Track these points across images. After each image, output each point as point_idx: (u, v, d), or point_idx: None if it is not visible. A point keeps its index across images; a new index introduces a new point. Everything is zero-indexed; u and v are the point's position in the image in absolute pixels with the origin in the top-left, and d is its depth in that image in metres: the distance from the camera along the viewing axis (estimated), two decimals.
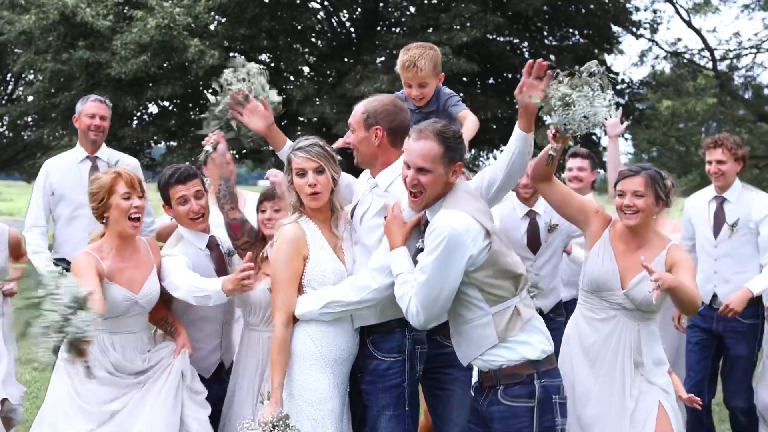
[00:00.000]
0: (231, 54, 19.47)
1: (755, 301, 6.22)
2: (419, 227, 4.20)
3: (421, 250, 4.04)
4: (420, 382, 4.54)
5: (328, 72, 20.18)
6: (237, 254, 4.96)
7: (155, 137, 20.19)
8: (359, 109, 4.41)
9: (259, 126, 4.79)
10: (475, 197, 4.10)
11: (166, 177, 4.92)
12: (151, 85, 18.74)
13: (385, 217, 4.23)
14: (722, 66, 23.56)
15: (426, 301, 3.92)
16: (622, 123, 6.59)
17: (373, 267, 4.23)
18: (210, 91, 4.84)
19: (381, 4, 21.05)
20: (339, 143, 5.03)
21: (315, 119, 18.59)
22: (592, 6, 20.74)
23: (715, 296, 6.32)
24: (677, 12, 24.03)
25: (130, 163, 6.62)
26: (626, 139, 22.62)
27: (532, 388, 3.96)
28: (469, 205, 3.95)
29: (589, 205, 4.82)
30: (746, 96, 23.96)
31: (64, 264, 6.23)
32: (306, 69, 21.11)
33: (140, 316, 4.68)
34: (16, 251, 6.07)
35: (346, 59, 20.22)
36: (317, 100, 18.80)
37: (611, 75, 22.38)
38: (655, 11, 24.28)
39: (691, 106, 18.82)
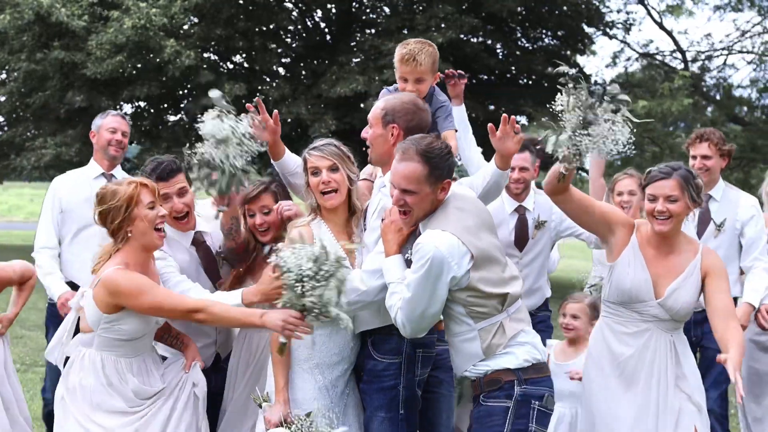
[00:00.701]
0: (206, 55, 19.50)
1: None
2: (415, 235, 4.12)
3: (410, 261, 3.99)
4: None
5: (304, 72, 20.23)
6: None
7: (131, 136, 20.11)
8: (379, 105, 4.38)
9: (267, 138, 4.69)
10: (467, 212, 4.00)
11: (147, 172, 4.65)
12: (126, 85, 18.69)
13: (382, 220, 4.16)
14: (694, 67, 23.84)
15: (411, 317, 3.90)
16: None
17: (365, 269, 4.19)
18: (191, 152, 4.48)
19: (355, 5, 21.14)
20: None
21: (290, 120, 18.62)
22: (565, 7, 20.94)
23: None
24: (649, 14, 24.30)
25: None
26: None
27: (510, 392, 3.91)
28: (456, 225, 3.88)
29: (615, 215, 4.55)
30: (717, 97, 24.24)
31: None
32: (281, 70, 21.16)
33: (153, 333, 4.45)
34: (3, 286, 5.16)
35: (321, 60, 20.30)
36: (291, 100, 18.80)
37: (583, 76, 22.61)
38: (627, 12, 24.56)
39: (667, 106, 18.98)
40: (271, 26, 20.45)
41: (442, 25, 18.35)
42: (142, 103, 20.35)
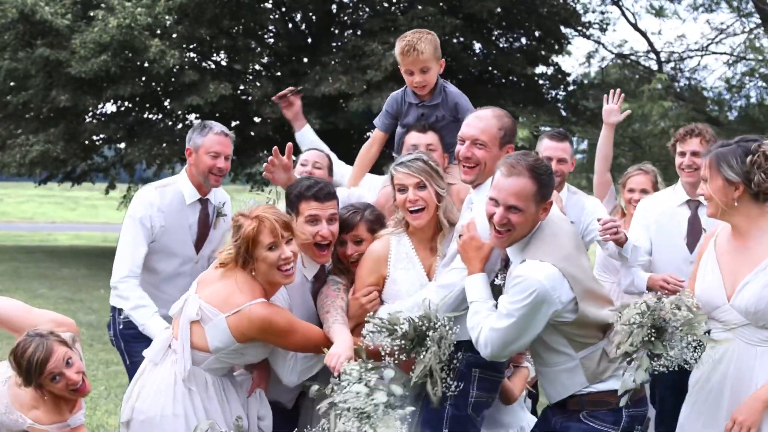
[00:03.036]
0: (190, 54, 19.64)
1: None
2: (497, 254, 4.02)
3: (498, 285, 3.93)
4: None
5: (287, 72, 20.41)
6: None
7: (117, 135, 20.22)
8: (494, 124, 4.14)
9: (283, 179, 4.58)
10: (562, 237, 3.83)
11: (301, 188, 4.29)
12: (111, 84, 18.75)
13: (460, 236, 4.03)
14: (667, 68, 24.21)
15: (499, 344, 3.74)
16: (622, 112, 5.85)
17: (441, 283, 4.10)
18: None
19: (335, 6, 21.36)
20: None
21: (273, 119, 18.79)
22: (543, 9, 21.27)
23: None
24: (623, 14, 24.65)
25: (225, 201, 5.43)
26: (581, 139, 23.01)
27: (618, 417, 3.76)
28: (557, 255, 3.70)
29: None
30: (685, 96, 24.62)
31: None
32: (264, 70, 21.32)
33: None
34: None
35: (303, 60, 20.50)
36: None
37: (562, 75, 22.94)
38: (602, 13, 24.90)
39: (648, 109, 19.29)
40: (253, 26, 20.61)
41: (425, 26, 18.59)
42: (126, 102, 20.47)
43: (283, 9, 21.63)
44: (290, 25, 22.19)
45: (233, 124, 20.71)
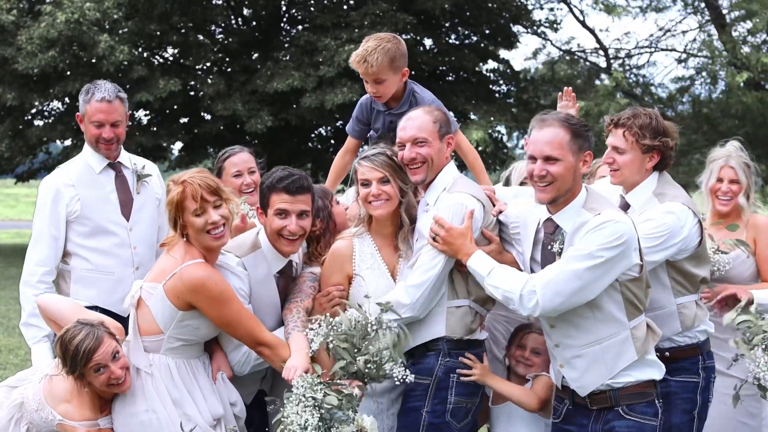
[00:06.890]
0: (139, 50, 19.45)
1: (693, 352, 4.22)
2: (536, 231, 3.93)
3: (554, 253, 3.81)
4: None
5: (238, 68, 20.32)
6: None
7: (64, 134, 19.95)
8: (428, 119, 4.12)
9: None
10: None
11: (273, 179, 4.11)
12: (58, 80, 18.51)
13: (434, 238, 3.97)
14: (615, 65, 24.48)
15: (569, 289, 3.62)
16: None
17: (410, 283, 4.01)
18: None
19: (285, 2, 21.28)
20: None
21: (224, 116, 18.67)
22: (491, 5, 21.41)
23: None
24: (571, 11, 24.85)
25: (145, 163, 5.15)
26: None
27: (656, 408, 3.78)
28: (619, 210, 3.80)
29: None
30: (637, 94, 24.94)
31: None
32: (216, 66, 21.19)
33: None
34: None
35: (254, 56, 20.40)
36: (226, 96, 18.83)
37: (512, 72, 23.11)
38: (551, 9, 25.08)
39: (605, 107, 19.48)
40: (204, 21, 20.47)
41: (378, 22, 18.57)
42: (74, 99, 20.20)
43: (233, 4, 21.50)
44: (240, 21, 22.06)
45: (183, 120, 20.54)
